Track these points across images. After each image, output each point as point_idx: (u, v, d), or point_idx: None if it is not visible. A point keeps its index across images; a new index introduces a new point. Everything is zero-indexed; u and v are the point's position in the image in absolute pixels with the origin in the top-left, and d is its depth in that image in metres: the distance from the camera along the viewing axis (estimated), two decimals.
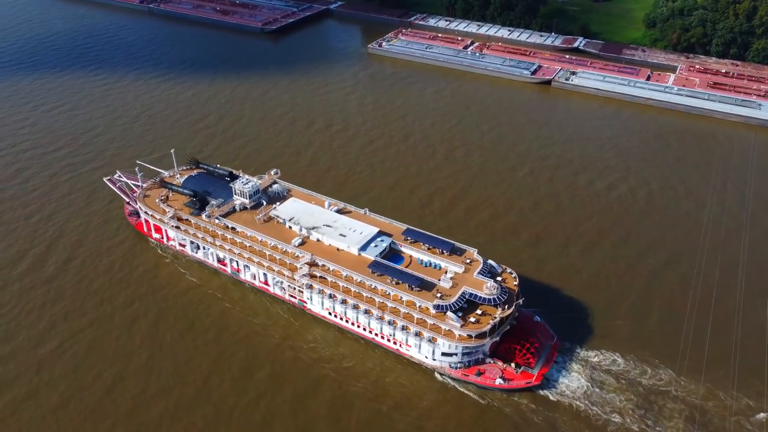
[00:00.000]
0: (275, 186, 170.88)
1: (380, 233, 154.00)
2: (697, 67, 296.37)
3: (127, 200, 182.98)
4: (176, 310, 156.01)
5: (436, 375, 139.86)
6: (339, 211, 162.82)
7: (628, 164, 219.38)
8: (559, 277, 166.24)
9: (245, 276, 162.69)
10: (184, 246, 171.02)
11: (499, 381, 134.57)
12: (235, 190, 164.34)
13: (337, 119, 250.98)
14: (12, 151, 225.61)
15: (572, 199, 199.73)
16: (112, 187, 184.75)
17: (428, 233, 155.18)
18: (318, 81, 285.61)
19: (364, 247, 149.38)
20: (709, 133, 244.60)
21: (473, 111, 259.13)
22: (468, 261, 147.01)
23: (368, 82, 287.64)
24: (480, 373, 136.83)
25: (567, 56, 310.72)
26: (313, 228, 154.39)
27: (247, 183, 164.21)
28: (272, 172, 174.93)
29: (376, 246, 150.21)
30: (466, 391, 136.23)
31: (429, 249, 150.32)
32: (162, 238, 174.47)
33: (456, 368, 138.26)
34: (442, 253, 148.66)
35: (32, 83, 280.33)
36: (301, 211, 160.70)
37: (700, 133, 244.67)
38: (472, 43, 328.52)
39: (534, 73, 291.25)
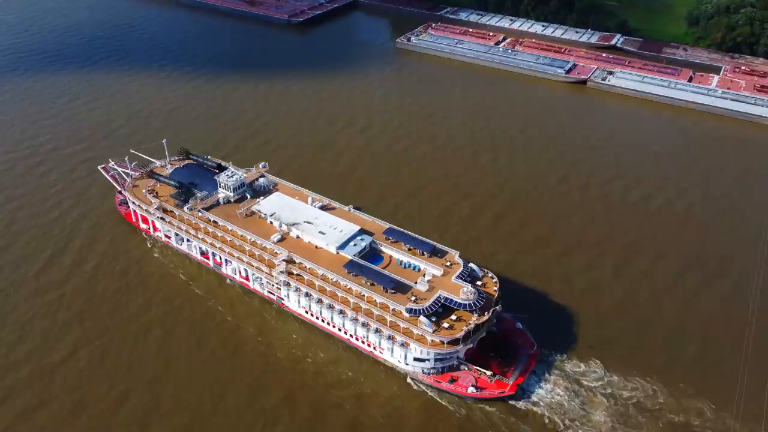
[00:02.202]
0: (261, 180, 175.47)
1: (361, 231, 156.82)
2: (743, 68, 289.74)
3: (119, 189, 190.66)
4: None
5: (409, 380, 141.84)
6: (323, 208, 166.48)
7: (672, 175, 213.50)
8: (589, 294, 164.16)
9: (226, 270, 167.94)
10: (169, 238, 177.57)
11: (471, 389, 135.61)
12: (219, 183, 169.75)
13: (370, 119, 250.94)
14: (40, 150, 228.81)
15: (624, 211, 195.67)
16: (105, 175, 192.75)
17: (409, 233, 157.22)
18: (345, 77, 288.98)
19: (342, 246, 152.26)
20: (761, 141, 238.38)
21: (506, 112, 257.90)
22: (448, 264, 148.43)
23: (396, 79, 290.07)
24: (453, 380, 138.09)
25: (604, 54, 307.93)
26: (294, 224, 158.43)
27: (231, 176, 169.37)
28: (260, 165, 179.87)
29: (355, 245, 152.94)
30: (437, 398, 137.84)
31: (409, 249, 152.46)
32: (149, 228, 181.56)
33: (429, 374, 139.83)
34: (423, 254, 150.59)
35: (63, 77, 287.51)
36: (283, 206, 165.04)
37: (748, 141, 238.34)
38: (505, 38, 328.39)
39: (569, 72, 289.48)
